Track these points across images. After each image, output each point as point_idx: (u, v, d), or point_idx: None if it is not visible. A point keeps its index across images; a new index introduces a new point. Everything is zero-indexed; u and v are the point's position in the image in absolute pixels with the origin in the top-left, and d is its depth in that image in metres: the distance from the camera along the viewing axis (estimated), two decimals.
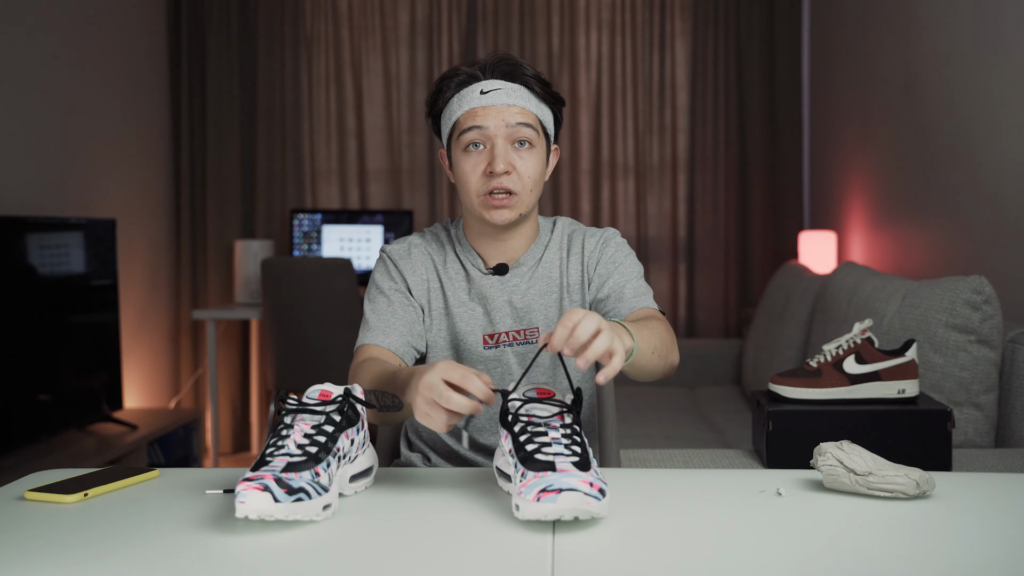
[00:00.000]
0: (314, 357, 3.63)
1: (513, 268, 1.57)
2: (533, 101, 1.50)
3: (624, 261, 1.60)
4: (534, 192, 1.51)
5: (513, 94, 1.49)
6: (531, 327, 1.57)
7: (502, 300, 1.56)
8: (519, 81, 1.50)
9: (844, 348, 1.71)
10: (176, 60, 4.44)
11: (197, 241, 4.49)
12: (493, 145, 1.47)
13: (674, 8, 4.49)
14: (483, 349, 1.56)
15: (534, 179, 1.50)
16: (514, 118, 1.47)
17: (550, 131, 1.55)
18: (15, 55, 3.22)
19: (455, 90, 1.51)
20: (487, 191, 1.47)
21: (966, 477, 1.29)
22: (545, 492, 1.03)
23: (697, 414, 3.37)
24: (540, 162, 1.51)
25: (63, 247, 3.22)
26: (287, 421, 1.14)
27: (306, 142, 4.53)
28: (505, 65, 1.51)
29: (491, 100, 1.48)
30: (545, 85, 1.53)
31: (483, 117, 1.47)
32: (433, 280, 1.59)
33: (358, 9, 4.51)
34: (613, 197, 4.51)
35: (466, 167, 1.49)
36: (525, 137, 1.48)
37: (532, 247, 1.59)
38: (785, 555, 0.98)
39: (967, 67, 2.75)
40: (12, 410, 2.90)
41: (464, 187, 1.50)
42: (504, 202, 1.47)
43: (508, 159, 1.46)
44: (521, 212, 1.50)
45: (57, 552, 1.00)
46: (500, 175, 1.46)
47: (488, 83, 1.49)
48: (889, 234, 3.44)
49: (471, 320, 1.57)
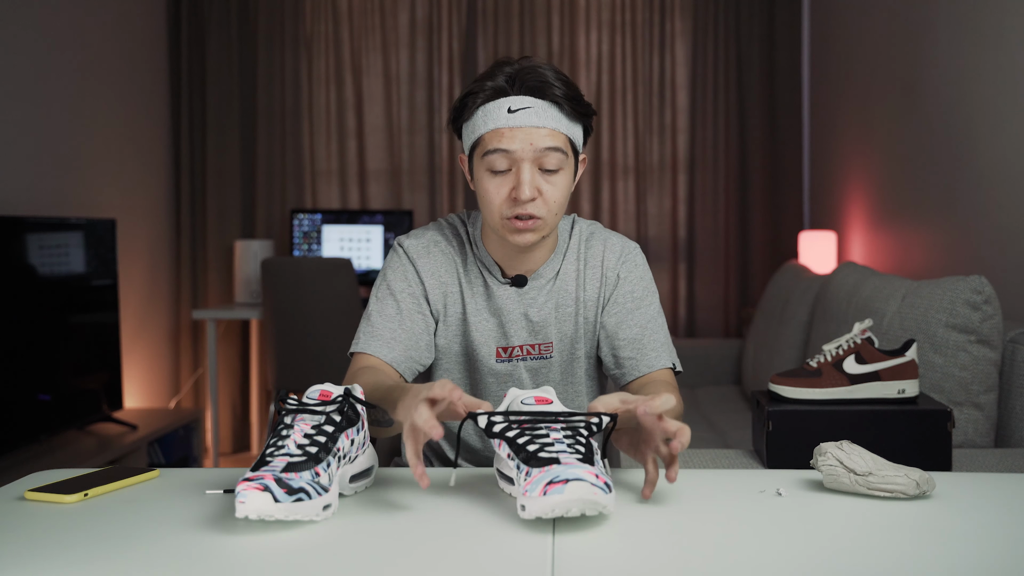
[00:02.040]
0: (314, 357, 3.63)
1: (531, 280, 1.52)
2: (563, 121, 1.41)
3: (645, 298, 1.55)
4: (559, 215, 1.44)
5: (543, 114, 1.39)
6: (546, 342, 1.52)
7: (518, 313, 1.51)
8: (549, 99, 1.40)
9: (844, 348, 1.71)
10: (176, 60, 4.45)
11: (197, 241, 4.50)
12: (519, 170, 1.39)
13: (674, 8, 4.50)
14: (495, 362, 1.52)
15: (560, 203, 1.43)
16: (543, 142, 1.38)
17: (579, 147, 1.47)
18: (15, 55, 3.22)
19: (480, 103, 1.42)
20: (511, 215, 1.41)
21: (966, 477, 1.29)
22: (552, 484, 1.01)
23: (697, 414, 3.37)
24: (567, 185, 1.43)
25: (63, 247, 3.22)
26: (287, 421, 1.14)
27: (306, 142, 4.53)
28: (534, 81, 1.40)
29: (519, 121, 1.38)
30: (576, 102, 1.43)
31: (510, 140, 1.38)
32: (452, 284, 1.53)
33: (358, 9, 4.51)
34: (613, 197, 4.51)
35: (490, 188, 1.41)
36: (553, 165, 1.40)
37: (552, 259, 1.53)
38: (785, 555, 0.98)
39: (967, 67, 2.75)
40: (12, 410, 2.90)
41: (487, 206, 1.43)
42: (529, 226, 1.41)
43: (535, 184, 1.39)
44: (544, 235, 1.44)
45: (57, 552, 1.00)
46: (526, 202, 1.39)
47: (516, 100, 1.39)
48: (889, 234, 3.44)
49: (486, 331, 1.52)
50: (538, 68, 1.41)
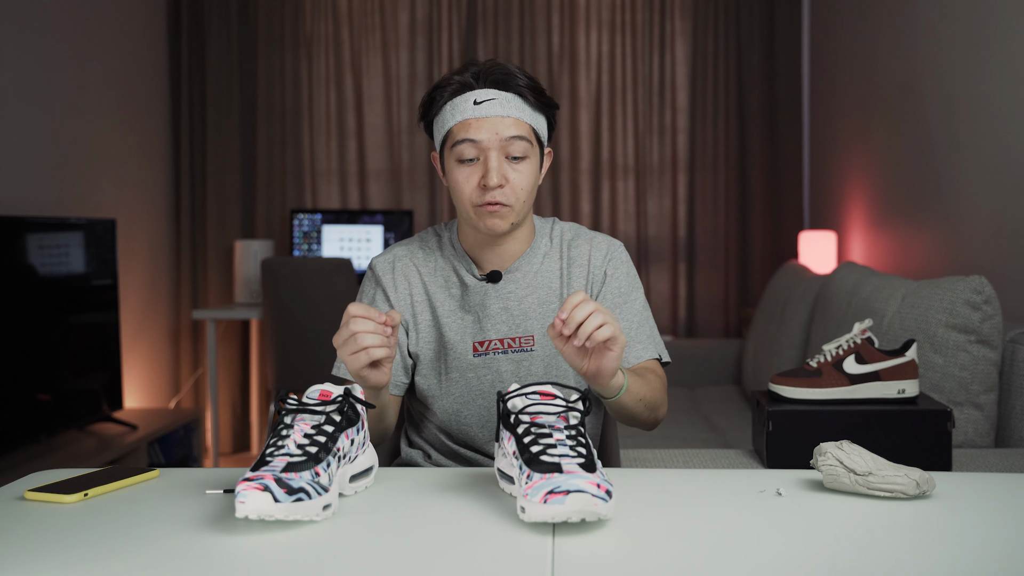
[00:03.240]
0: (314, 357, 3.63)
1: (507, 273, 1.57)
2: (527, 111, 1.50)
3: (630, 294, 1.60)
4: (527, 203, 1.51)
5: (507, 104, 1.48)
6: (526, 335, 1.55)
7: (497, 307, 1.56)
8: (513, 90, 1.49)
9: (844, 348, 1.71)
10: (176, 60, 4.44)
11: (197, 241, 4.49)
12: (487, 158, 1.47)
13: (674, 8, 4.49)
14: (473, 357, 1.55)
15: (527, 190, 1.50)
16: (508, 130, 1.46)
17: (544, 138, 1.55)
18: (15, 55, 3.22)
19: (448, 98, 1.50)
20: (481, 203, 1.48)
21: (966, 477, 1.29)
22: (552, 494, 1.02)
23: (697, 414, 3.37)
24: (533, 173, 1.51)
25: (63, 247, 3.22)
26: (287, 421, 1.14)
27: (306, 142, 4.53)
28: (498, 73, 1.49)
29: (485, 111, 1.47)
30: (539, 93, 1.52)
31: (476, 130, 1.46)
32: (418, 293, 1.59)
33: (358, 9, 4.51)
34: (613, 197, 4.51)
35: (459, 178, 1.49)
36: (519, 153, 1.48)
37: (528, 252, 1.59)
38: (785, 555, 0.98)
39: (967, 67, 2.75)
40: (12, 410, 2.90)
41: (458, 196, 1.51)
42: (497, 211, 1.48)
43: (502, 172, 1.47)
44: (514, 221, 1.51)
45: (57, 552, 1.00)
46: (494, 188, 1.46)
47: (481, 92, 1.48)
48: (889, 234, 3.44)
49: (460, 328, 1.56)
50: (502, 64, 1.51)
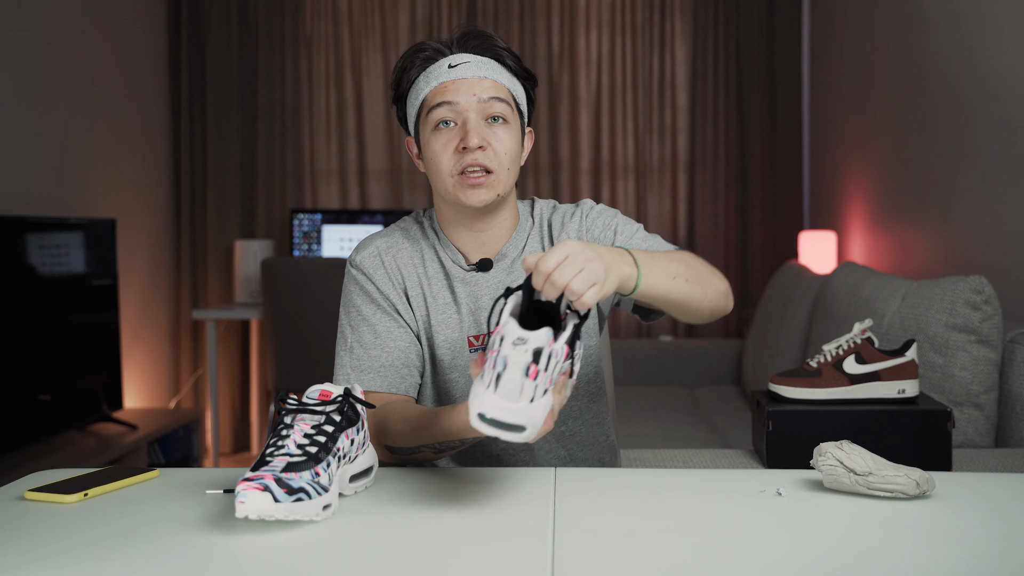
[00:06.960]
0: (314, 357, 3.63)
1: (497, 261, 1.48)
2: (505, 75, 1.41)
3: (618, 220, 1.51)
4: (511, 171, 1.40)
5: (484, 67, 1.39)
6: None
7: (488, 298, 1.47)
8: (490, 54, 1.41)
9: (844, 348, 1.71)
10: (176, 60, 4.44)
11: (197, 241, 4.49)
12: (465, 120, 1.37)
13: (674, 8, 4.49)
14: (470, 352, 1.47)
15: (511, 156, 1.39)
16: (486, 92, 1.38)
17: (523, 109, 1.45)
18: (15, 55, 3.22)
19: (421, 67, 1.41)
20: (460, 170, 1.36)
21: (966, 477, 1.29)
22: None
23: (697, 414, 3.37)
24: (516, 139, 1.41)
25: (63, 247, 3.22)
26: (287, 421, 1.14)
27: (306, 142, 4.53)
28: (474, 38, 1.41)
29: (461, 73, 1.38)
30: (514, 58, 1.43)
31: (453, 92, 1.37)
32: (413, 286, 1.48)
33: (358, 9, 4.51)
34: (613, 197, 4.51)
35: (436, 146, 1.38)
36: (499, 113, 1.38)
37: (514, 236, 1.48)
38: (785, 555, 0.98)
39: (967, 67, 2.75)
40: (12, 410, 2.90)
41: (435, 169, 1.39)
42: (480, 181, 1.36)
43: (482, 134, 1.36)
44: (499, 192, 1.39)
45: (57, 552, 1.00)
46: (474, 150, 1.35)
47: (456, 57, 1.40)
48: (889, 234, 3.44)
49: (454, 324, 1.47)
50: (478, 28, 1.44)
